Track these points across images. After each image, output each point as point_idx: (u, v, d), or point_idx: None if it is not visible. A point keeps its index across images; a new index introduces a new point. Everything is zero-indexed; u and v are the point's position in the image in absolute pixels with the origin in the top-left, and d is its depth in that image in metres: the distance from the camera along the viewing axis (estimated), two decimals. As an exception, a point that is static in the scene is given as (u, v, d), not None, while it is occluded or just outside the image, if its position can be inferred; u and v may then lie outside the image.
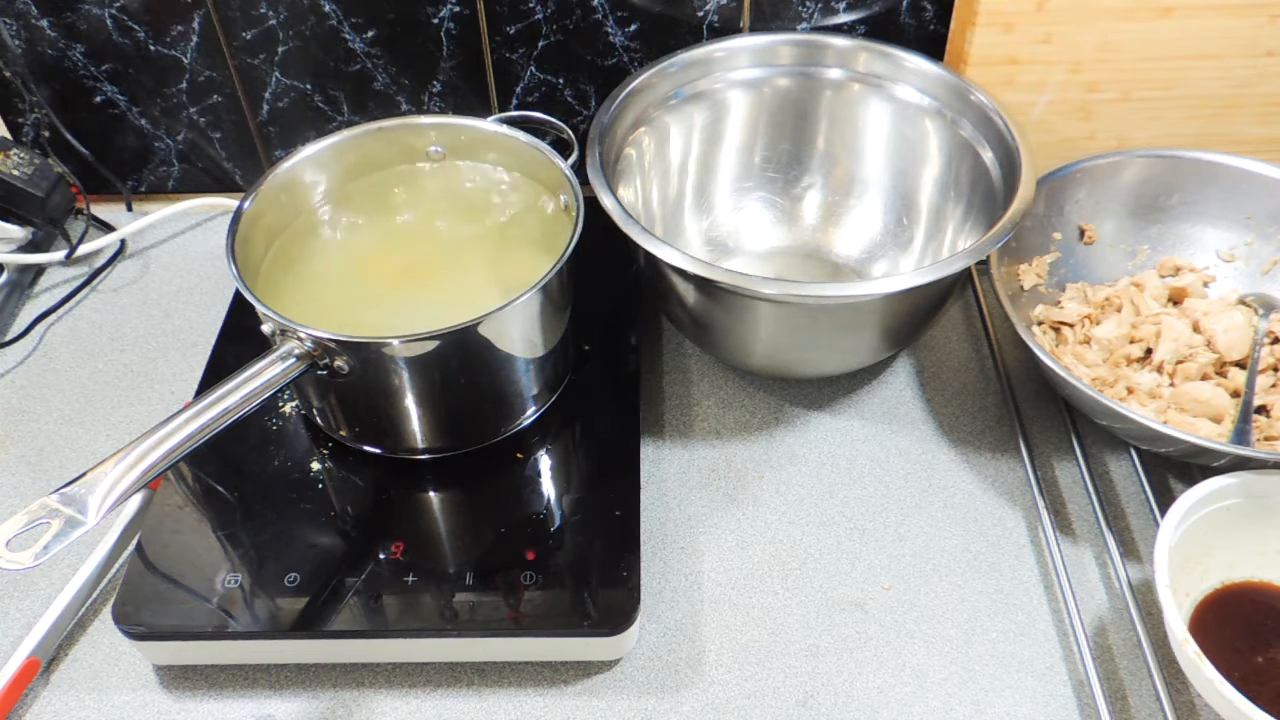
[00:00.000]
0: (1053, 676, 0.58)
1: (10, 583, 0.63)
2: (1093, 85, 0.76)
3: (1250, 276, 0.74)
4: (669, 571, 0.63)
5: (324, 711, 0.57)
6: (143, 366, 0.77)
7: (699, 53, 0.75)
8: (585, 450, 0.67)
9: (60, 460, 0.70)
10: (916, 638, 0.60)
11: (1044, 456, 0.69)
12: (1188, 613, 0.58)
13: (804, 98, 0.78)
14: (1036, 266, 0.73)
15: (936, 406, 0.72)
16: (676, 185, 0.79)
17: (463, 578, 0.58)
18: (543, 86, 0.82)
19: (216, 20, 0.78)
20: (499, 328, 0.60)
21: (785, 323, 0.65)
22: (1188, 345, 0.68)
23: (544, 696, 0.57)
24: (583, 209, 0.63)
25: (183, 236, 0.88)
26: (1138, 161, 0.74)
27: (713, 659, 0.59)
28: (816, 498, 0.67)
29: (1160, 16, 0.72)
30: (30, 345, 0.79)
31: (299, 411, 0.68)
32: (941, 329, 0.78)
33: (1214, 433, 0.64)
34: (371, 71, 0.81)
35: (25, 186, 0.80)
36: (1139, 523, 0.65)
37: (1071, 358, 0.69)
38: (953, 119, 0.73)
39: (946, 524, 0.65)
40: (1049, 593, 0.62)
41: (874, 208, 0.79)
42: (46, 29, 0.79)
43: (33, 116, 0.84)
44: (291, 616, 0.57)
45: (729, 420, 0.72)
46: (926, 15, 0.77)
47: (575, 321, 0.67)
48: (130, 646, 0.59)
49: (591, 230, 0.62)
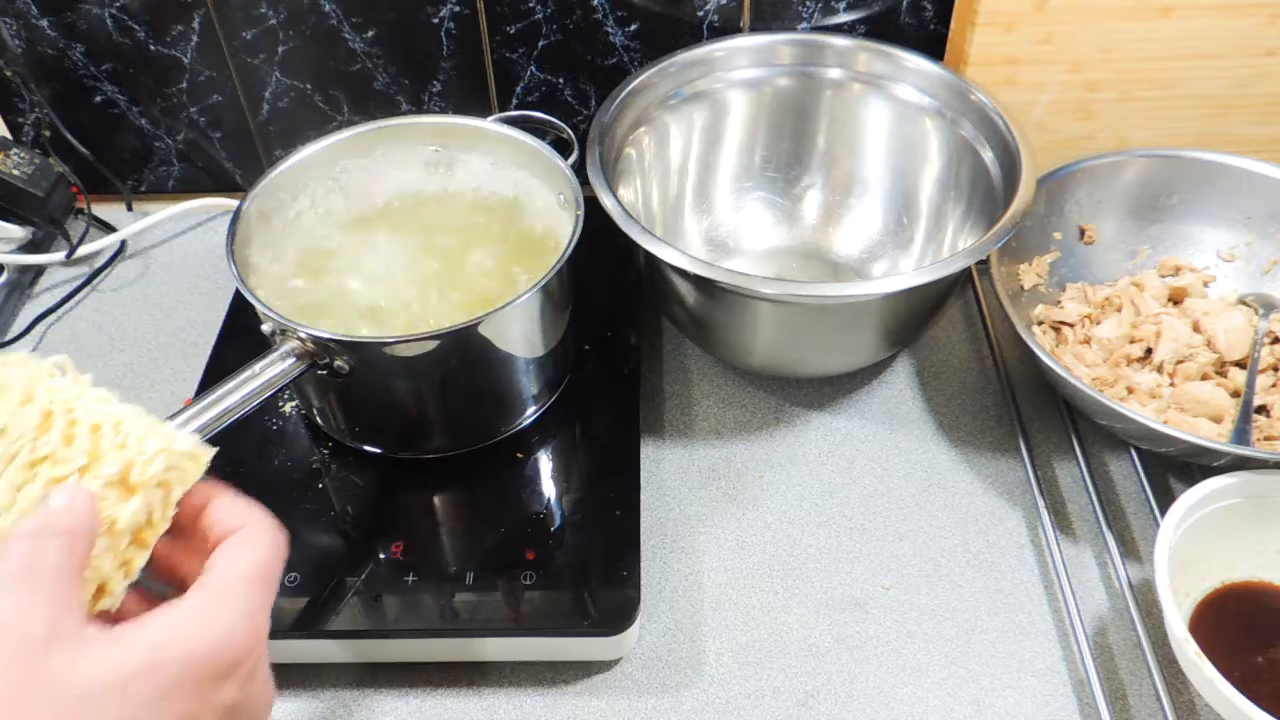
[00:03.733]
0: (1053, 676, 0.58)
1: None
2: (1093, 85, 0.76)
3: (1250, 276, 0.74)
4: (669, 571, 0.63)
5: (324, 711, 0.57)
6: (143, 366, 0.77)
7: (699, 53, 0.75)
8: (585, 450, 0.67)
9: (60, 460, 0.70)
10: (916, 637, 0.60)
11: (1044, 456, 0.69)
12: (1188, 613, 0.58)
13: (804, 98, 0.78)
14: (1036, 266, 0.73)
15: (936, 406, 0.72)
16: (676, 185, 0.79)
17: (463, 578, 0.58)
18: (543, 86, 0.82)
19: (216, 20, 0.78)
20: (499, 328, 0.60)
21: (785, 323, 0.65)
22: (1188, 345, 0.68)
23: (544, 696, 0.57)
24: (583, 209, 0.63)
25: (183, 236, 0.88)
26: (1138, 161, 0.74)
27: (713, 659, 0.59)
28: (816, 498, 0.67)
29: (1160, 16, 0.72)
30: (30, 345, 0.79)
31: (299, 411, 0.68)
32: (941, 329, 0.78)
33: (1214, 433, 0.64)
34: (371, 71, 0.81)
35: (25, 186, 0.80)
36: (1139, 523, 0.65)
37: (1071, 358, 0.69)
38: (953, 119, 0.73)
39: (946, 524, 0.65)
40: (1049, 593, 0.62)
41: (874, 207, 0.79)
42: (46, 29, 0.79)
43: (33, 116, 0.84)
44: (291, 616, 0.57)
45: (729, 420, 0.72)
46: (926, 15, 0.77)
47: (575, 321, 0.67)
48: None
49: (591, 230, 0.62)
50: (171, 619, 0.32)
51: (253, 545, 0.36)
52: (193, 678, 0.31)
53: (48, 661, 0.30)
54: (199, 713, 0.32)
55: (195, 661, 0.32)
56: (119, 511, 0.36)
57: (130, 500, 0.36)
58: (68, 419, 0.37)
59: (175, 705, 0.31)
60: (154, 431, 0.37)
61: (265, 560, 0.35)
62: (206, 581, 0.34)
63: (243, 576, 0.34)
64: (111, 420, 0.37)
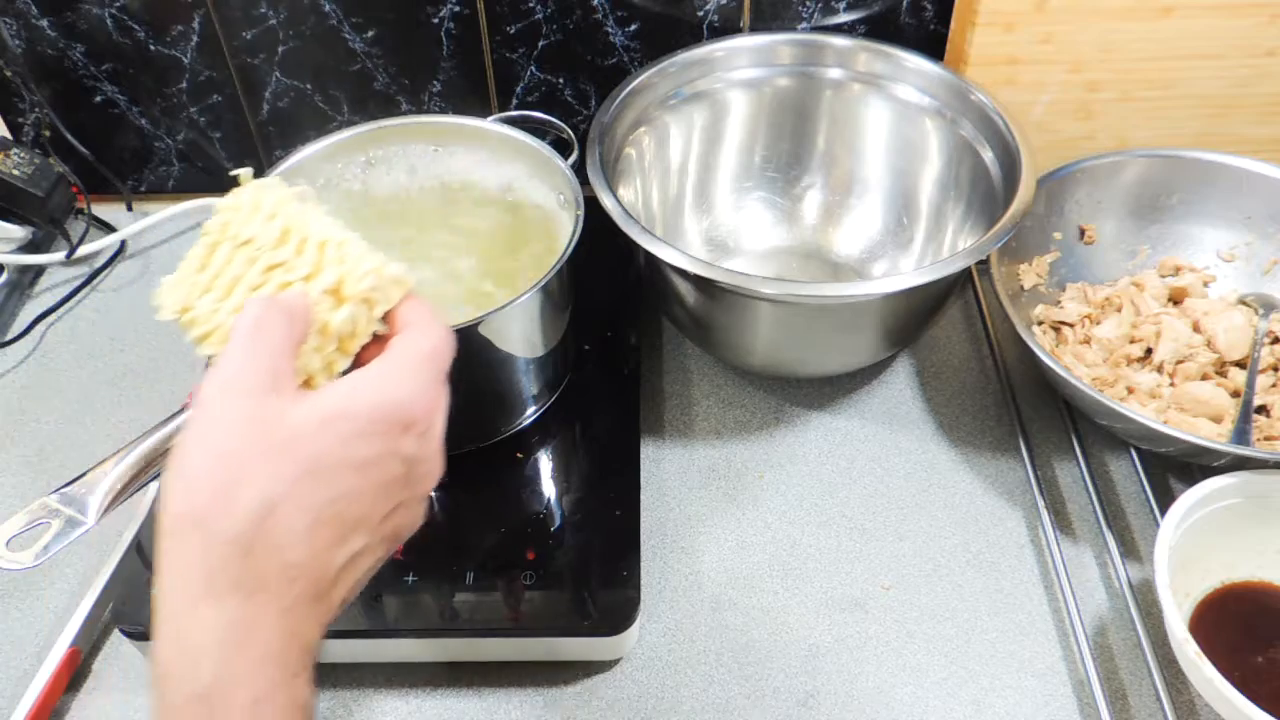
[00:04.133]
0: (1053, 676, 0.58)
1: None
2: (1093, 85, 0.76)
3: (1250, 276, 0.74)
4: (669, 571, 0.63)
5: (324, 711, 0.57)
6: (143, 366, 0.77)
7: (699, 53, 0.75)
8: (585, 450, 0.67)
9: (60, 460, 0.70)
10: (916, 637, 0.60)
11: (1044, 456, 0.69)
12: (1188, 613, 0.58)
13: (804, 98, 0.78)
14: (1036, 266, 0.73)
15: (936, 406, 0.72)
16: (676, 185, 0.79)
17: (463, 578, 0.58)
18: (543, 86, 0.82)
19: (216, 20, 0.78)
20: (499, 328, 0.60)
21: (785, 323, 0.65)
22: (1188, 345, 0.68)
23: (544, 696, 0.57)
24: (583, 209, 0.62)
25: (183, 237, 0.88)
26: (1138, 161, 0.74)
27: (713, 659, 0.59)
28: (816, 498, 0.67)
29: (1160, 16, 0.72)
30: (30, 345, 0.79)
31: (299, 411, 0.68)
32: (941, 329, 0.78)
33: (1214, 433, 0.64)
34: (371, 71, 0.81)
35: (25, 186, 0.80)
36: (1139, 523, 0.65)
37: (1071, 358, 0.69)
38: (953, 119, 0.73)
39: (946, 524, 0.65)
40: (1049, 593, 0.62)
41: (874, 207, 0.79)
42: (46, 29, 0.79)
43: (33, 116, 0.84)
44: (291, 616, 0.57)
45: (729, 420, 0.72)
46: (926, 15, 0.77)
47: (575, 321, 0.67)
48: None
49: (591, 230, 0.61)
50: (361, 380, 0.39)
51: (426, 334, 0.42)
52: (380, 425, 0.38)
53: (268, 402, 0.36)
54: (384, 455, 0.38)
55: (382, 411, 0.38)
56: (331, 317, 0.42)
57: (341, 309, 0.42)
58: (301, 235, 0.43)
59: (366, 444, 0.37)
60: (369, 256, 0.43)
61: (436, 346, 0.42)
62: (388, 357, 0.41)
63: (419, 355, 0.41)
64: (335, 240, 0.43)
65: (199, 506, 0.34)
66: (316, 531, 0.36)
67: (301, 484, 0.36)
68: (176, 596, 0.35)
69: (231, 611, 0.34)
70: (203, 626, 0.34)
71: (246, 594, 0.34)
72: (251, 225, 0.44)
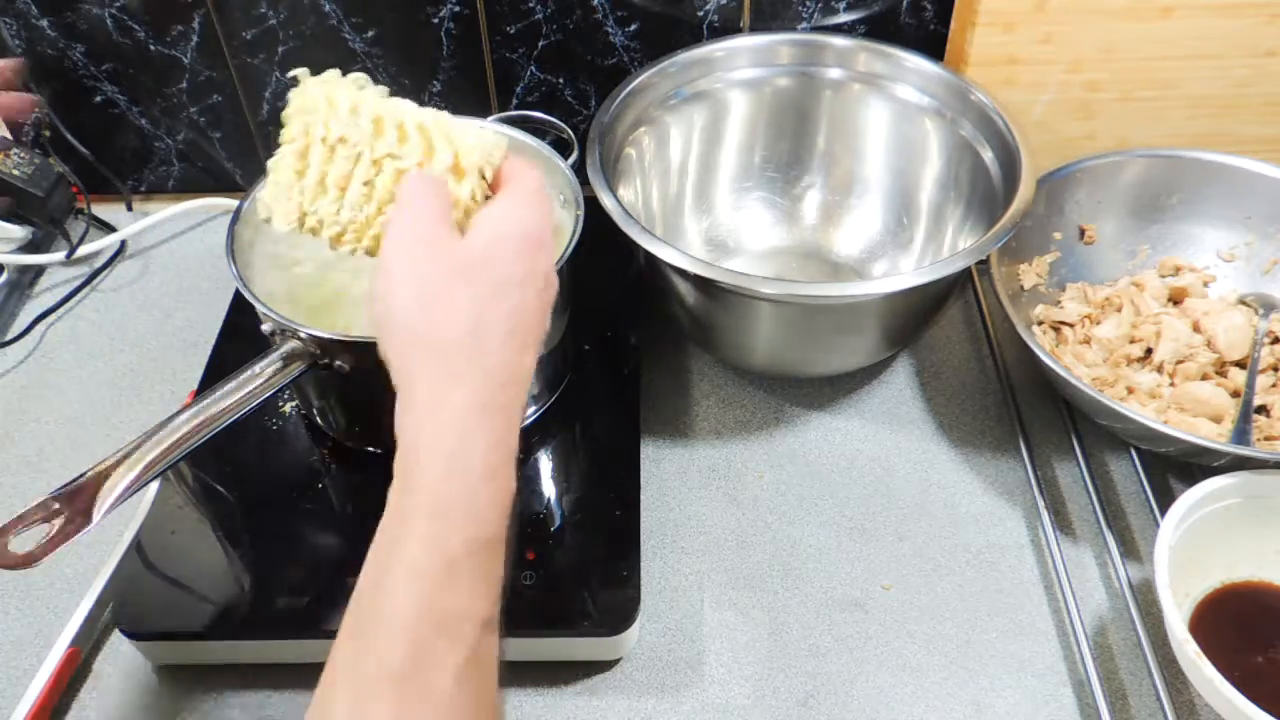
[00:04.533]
0: (1053, 676, 0.58)
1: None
2: (1093, 85, 0.76)
3: (1250, 276, 0.74)
4: (669, 571, 0.63)
5: (324, 711, 0.57)
6: (143, 366, 0.77)
7: (699, 53, 0.75)
8: (585, 450, 0.67)
9: (60, 460, 0.70)
10: (916, 637, 0.60)
11: (1044, 456, 0.69)
12: (1188, 613, 0.58)
13: (804, 98, 0.78)
14: (1036, 266, 0.73)
15: (936, 406, 0.72)
16: (676, 185, 0.79)
17: (463, 578, 0.58)
18: (543, 86, 0.82)
19: (216, 20, 0.78)
20: (499, 328, 0.59)
21: (785, 323, 0.65)
22: (1188, 345, 0.68)
23: (544, 696, 0.57)
24: (583, 209, 0.62)
25: (183, 236, 0.88)
26: (1138, 161, 0.74)
27: (713, 659, 0.59)
28: (816, 498, 0.67)
29: (1160, 16, 0.72)
30: (30, 345, 0.79)
31: (299, 411, 0.68)
32: (941, 329, 0.78)
33: (1214, 433, 0.64)
34: (371, 71, 0.81)
35: (25, 186, 0.80)
36: (1139, 523, 0.65)
37: (1071, 358, 0.69)
38: (953, 119, 0.73)
39: (946, 524, 0.65)
40: (1049, 593, 0.62)
41: (874, 207, 0.79)
42: (46, 29, 0.79)
43: (33, 116, 0.84)
44: (292, 616, 0.57)
45: (729, 420, 0.72)
46: (926, 15, 0.77)
47: (575, 321, 0.67)
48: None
49: (591, 230, 0.62)
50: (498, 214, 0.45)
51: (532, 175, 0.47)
52: (527, 245, 0.44)
53: (443, 243, 0.43)
54: (534, 271, 0.44)
55: (525, 233, 0.44)
56: (459, 191, 0.45)
57: (464, 182, 0.45)
58: (395, 122, 0.46)
59: (522, 262, 0.43)
60: (466, 127, 0.46)
61: (541, 184, 0.47)
62: (509, 191, 0.46)
63: (534, 192, 0.46)
64: (431, 120, 0.46)
65: (421, 326, 0.41)
66: (512, 338, 0.42)
67: (494, 299, 0.42)
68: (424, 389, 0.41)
69: (473, 395, 0.40)
70: (452, 405, 0.40)
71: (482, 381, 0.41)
72: (338, 123, 0.46)
